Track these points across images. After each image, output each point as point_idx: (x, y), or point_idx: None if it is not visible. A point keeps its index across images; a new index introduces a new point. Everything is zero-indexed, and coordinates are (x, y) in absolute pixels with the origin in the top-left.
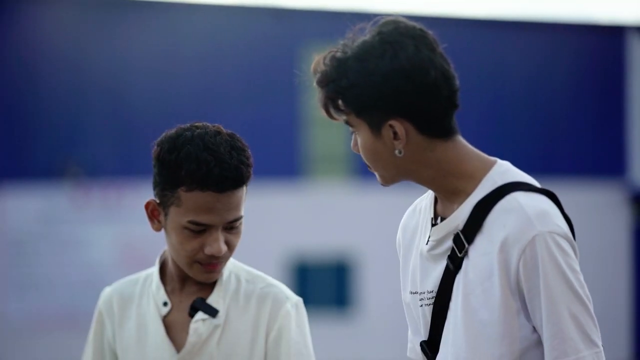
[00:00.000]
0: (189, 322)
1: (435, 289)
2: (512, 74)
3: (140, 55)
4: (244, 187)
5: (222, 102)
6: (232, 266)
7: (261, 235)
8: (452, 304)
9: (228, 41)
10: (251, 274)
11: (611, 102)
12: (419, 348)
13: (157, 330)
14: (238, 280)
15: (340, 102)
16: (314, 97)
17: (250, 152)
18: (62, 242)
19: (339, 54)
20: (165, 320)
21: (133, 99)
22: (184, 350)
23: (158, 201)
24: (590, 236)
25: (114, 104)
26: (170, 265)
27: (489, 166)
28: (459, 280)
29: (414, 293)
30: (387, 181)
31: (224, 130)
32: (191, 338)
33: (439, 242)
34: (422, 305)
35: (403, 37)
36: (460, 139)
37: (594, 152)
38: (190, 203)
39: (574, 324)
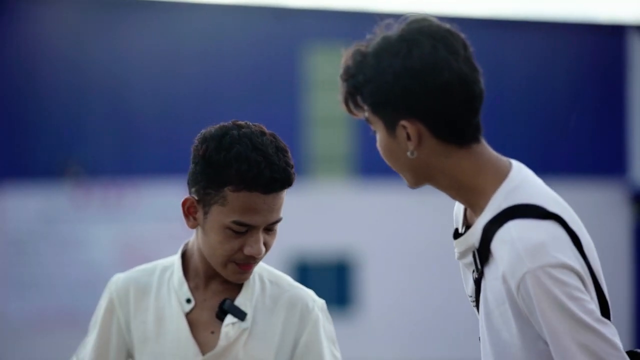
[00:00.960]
0: (213, 321)
1: (474, 296)
2: (512, 74)
3: (141, 55)
4: (284, 193)
5: (222, 102)
6: (256, 267)
7: None
8: (479, 320)
9: (229, 41)
10: (273, 274)
11: (611, 102)
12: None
13: (180, 327)
14: (262, 281)
15: (358, 98)
16: (315, 96)
17: (291, 154)
18: (62, 241)
19: (363, 49)
20: (188, 317)
21: (133, 99)
22: (210, 353)
23: (197, 199)
24: (590, 236)
25: (114, 103)
26: (196, 262)
27: (500, 179)
28: (481, 299)
29: (466, 292)
30: (411, 183)
31: (267, 130)
32: (222, 342)
33: (463, 255)
34: (473, 306)
35: (422, 35)
36: (481, 148)
37: (594, 151)
38: (236, 203)
39: (585, 355)
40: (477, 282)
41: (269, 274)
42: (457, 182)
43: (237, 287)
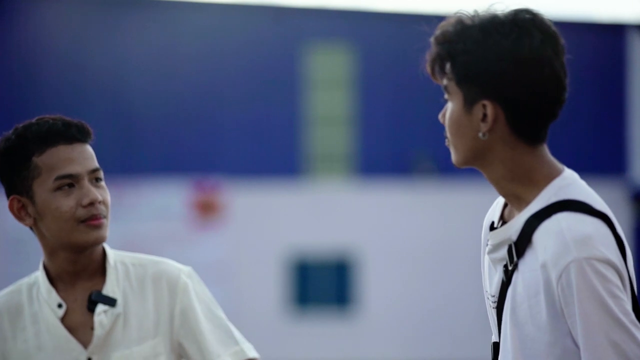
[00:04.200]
0: (89, 317)
1: (497, 295)
2: None
3: (141, 54)
4: (90, 147)
5: (222, 101)
6: (115, 255)
7: (262, 233)
8: (503, 315)
9: (229, 40)
10: (136, 257)
11: (612, 101)
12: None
13: (58, 333)
14: (125, 265)
15: (448, 64)
16: (314, 96)
17: None
18: None
19: (467, 20)
20: (64, 321)
21: (133, 98)
22: (91, 345)
23: (18, 194)
24: None
25: (114, 103)
26: (55, 266)
27: (552, 177)
28: (509, 293)
29: (486, 292)
30: (460, 162)
31: None
32: (97, 331)
33: (496, 248)
34: (491, 307)
35: (535, 28)
36: (543, 148)
37: (595, 150)
38: (49, 163)
39: (615, 352)
40: (509, 276)
41: (131, 259)
42: (512, 174)
43: (103, 279)
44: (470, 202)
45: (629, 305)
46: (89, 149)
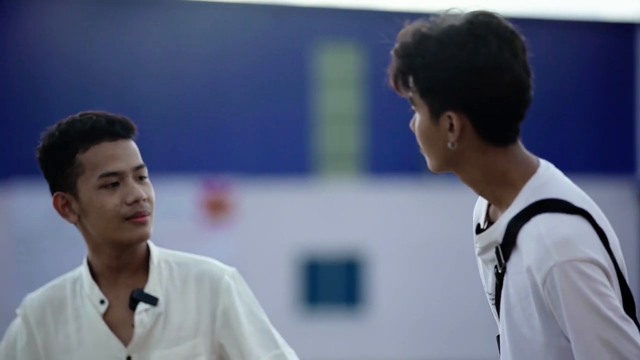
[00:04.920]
0: (130, 314)
1: (493, 293)
2: None
3: (146, 53)
4: (134, 143)
5: (230, 101)
6: (159, 253)
7: (272, 232)
8: (500, 316)
9: (236, 39)
10: (179, 256)
11: (619, 100)
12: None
13: (99, 329)
14: (169, 265)
15: (410, 78)
16: (324, 94)
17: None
18: (69, 239)
19: (425, 30)
20: (106, 317)
21: (138, 98)
22: (132, 343)
23: (63, 191)
24: None
25: (119, 102)
26: (98, 262)
27: (528, 175)
28: (503, 294)
29: (485, 287)
30: (435, 169)
31: None
32: (138, 330)
33: (484, 250)
34: (491, 303)
35: (490, 33)
36: (515, 147)
37: (603, 150)
38: (92, 161)
39: (607, 351)
40: (500, 278)
41: (174, 257)
42: (487, 178)
43: (146, 277)
44: None
45: (616, 301)
46: (133, 145)
